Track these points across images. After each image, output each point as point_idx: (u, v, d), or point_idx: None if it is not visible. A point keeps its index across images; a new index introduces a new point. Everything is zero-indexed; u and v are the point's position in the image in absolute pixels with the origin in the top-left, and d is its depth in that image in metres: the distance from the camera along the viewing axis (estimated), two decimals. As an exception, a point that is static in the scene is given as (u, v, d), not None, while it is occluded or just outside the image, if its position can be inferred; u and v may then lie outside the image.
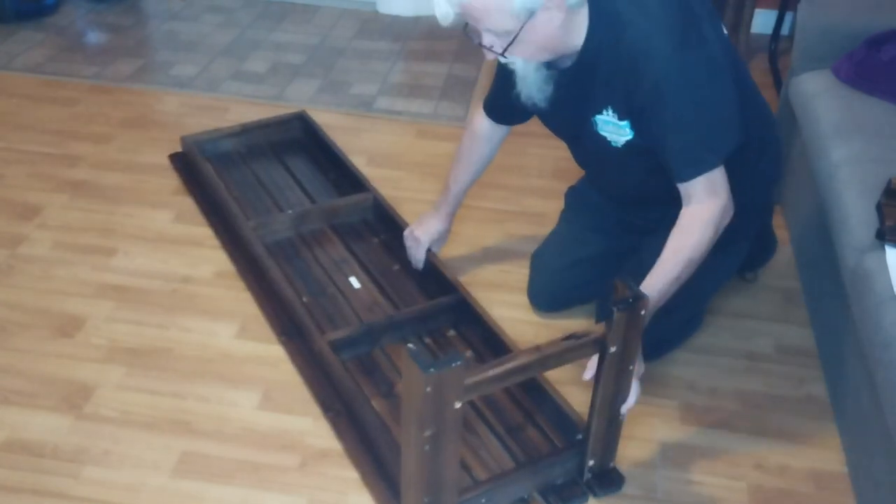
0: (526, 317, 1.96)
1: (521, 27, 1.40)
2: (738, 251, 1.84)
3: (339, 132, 2.68)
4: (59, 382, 1.74)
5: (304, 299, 1.94)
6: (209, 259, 2.10)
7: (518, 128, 1.88)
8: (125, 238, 2.16)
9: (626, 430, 1.68)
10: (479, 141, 1.87)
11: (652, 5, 1.45)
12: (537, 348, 1.33)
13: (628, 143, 1.57)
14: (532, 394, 1.71)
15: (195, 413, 1.69)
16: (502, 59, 1.49)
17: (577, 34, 1.48)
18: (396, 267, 2.05)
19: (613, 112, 1.55)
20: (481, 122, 1.86)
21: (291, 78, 3.01)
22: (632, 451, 1.65)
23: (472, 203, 2.30)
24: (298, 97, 2.88)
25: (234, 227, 2.13)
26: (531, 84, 1.56)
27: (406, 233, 2.00)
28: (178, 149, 2.54)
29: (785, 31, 3.21)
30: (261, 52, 3.19)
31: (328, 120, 2.75)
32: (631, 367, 1.43)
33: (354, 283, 1.99)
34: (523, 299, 2.00)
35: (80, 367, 1.78)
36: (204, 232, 2.19)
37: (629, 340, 1.38)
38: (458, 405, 1.23)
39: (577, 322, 1.92)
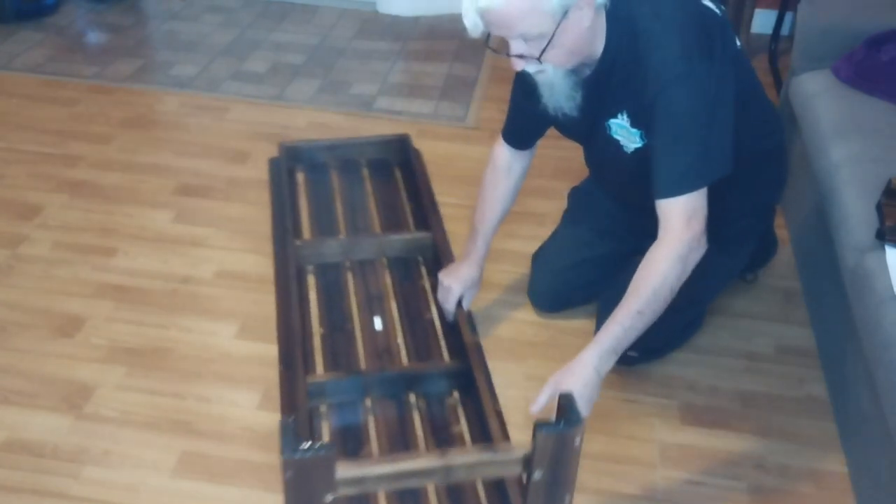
0: (526, 317, 1.96)
1: (556, 28, 1.37)
2: (741, 253, 1.85)
3: (340, 132, 2.69)
4: (59, 382, 1.74)
5: (322, 331, 1.85)
6: (209, 259, 2.10)
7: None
8: (125, 238, 2.16)
9: (626, 430, 1.68)
10: (501, 174, 1.82)
11: (667, 14, 1.44)
12: (444, 454, 1.16)
13: (637, 149, 1.57)
14: (500, 489, 1.50)
15: (195, 413, 1.69)
16: (532, 69, 1.46)
17: (600, 39, 1.47)
18: (429, 315, 1.90)
19: (627, 117, 1.54)
20: (502, 154, 1.82)
21: (291, 78, 3.01)
22: (632, 451, 1.65)
23: (473, 204, 2.30)
24: (298, 97, 2.88)
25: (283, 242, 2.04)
26: (559, 93, 1.53)
27: (439, 283, 1.86)
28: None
29: (785, 31, 3.21)
30: (261, 52, 3.19)
31: (328, 120, 2.75)
32: (567, 501, 1.21)
33: (377, 323, 1.87)
34: (523, 299, 2.00)
35: (80, 367, 1.78)
36: (204, 232, 2.20)
37: (560, 468, 1.15)
38: (329, 499, 1.10)
39: (577, 323, 1.92)
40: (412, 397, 1.70)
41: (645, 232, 1.79)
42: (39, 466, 1.57)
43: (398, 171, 2.39)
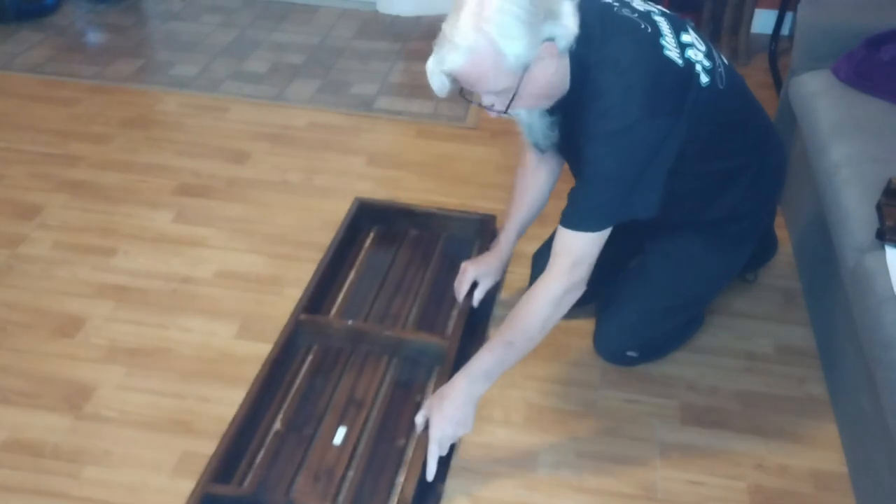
0: (526, 317, 1.96)
1: (520, 82, 1.40)
2: (740, 254, 1.85)
3: (339, 132, 2.69)
4: (59, 382, 1.74)
5: (277, 426, 1.66)
6: (209, 259, 2.10)
7: (515, 129, 1.88)
8: (125, 238, 2.16)
9: (626, 430, 1.69)
10: (530, 174, 1.84)
11: (622, 66, 1.43)
12: None
13: None
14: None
15: (195, 413, 1.69)
16: (504, 116, 1.49)
17: (567, 78, 1.48)
18: (402, 442, 1.64)
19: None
20: (530, 155, 1.84)
21: (291, 78, 3.01)
22: (631, 450, 1.65)
23: (473, 203, 2.31)
24: (298, 97, 2.88)
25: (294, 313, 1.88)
26: (537, 131, 1.60)
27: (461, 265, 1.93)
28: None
29: (785, 31, 3.21)
30: (261, 52, 3.19)
31: (328, 120, 2.75)
32: None
33: (339, 436, 1.64)
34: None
35: (80, 367, 1.78)
36: (204, 232, 2.20)
37: None
38: None
39: (577, 323, 1.92)
40: None
41: (644, 232, 1.80)
42: (39, 466, 1.57)
43: (476, 253, 2.12)
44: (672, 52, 1.48)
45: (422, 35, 3.39)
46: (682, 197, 1.63)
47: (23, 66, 2.99)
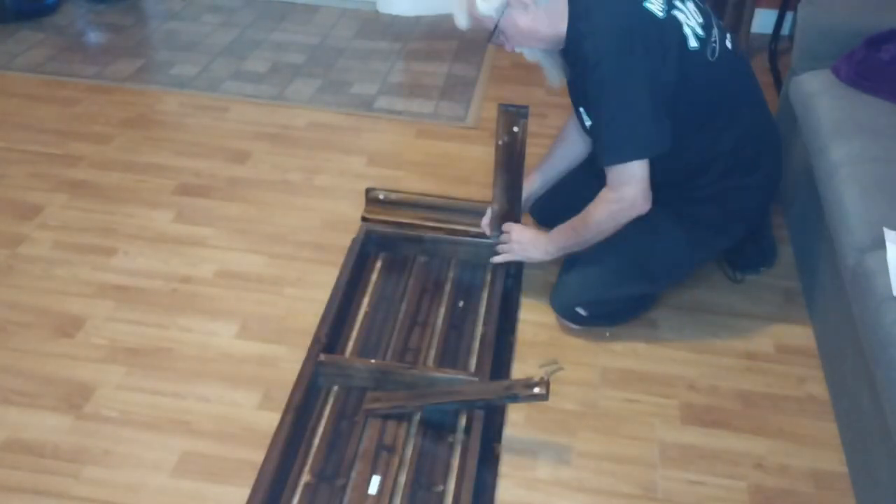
0: (526, 316, 1.96)
1: (497, 25, 1.67)
2: (710, 244, 1.90)
3: (339, 132, 2.69)
4: (59, 382, 1.74)
5: (306, 478, 1.55)
6: (209, 259, 2.10)
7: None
8: (125, 238, 2.16)
9: (626, 430, 1.68)
10: (565, 131, 2.05)
11: (606, 11, 1.62)
12: None
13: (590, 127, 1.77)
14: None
15: (195, 413, 1.69)
16: (507, 49, 1.75)
17: (561, 23, 1.67)
18: (441, 487, 1.55)
19: (582, 106, 1.76)
20: (571, 123, 2.01)
21: (291, 78, 3.01)
22: (632, 450, 1.65)
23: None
24: (298, 97, 2.88)
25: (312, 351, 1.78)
26: (549, 67, 1.79)
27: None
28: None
29: (785, 31, 3.21)
30: (261, 52, 3.20)
31: (328, 120, 2.75)
32: None
33: (374, 485, 1.54)
34: (523, 299, 2.00)
35: (80, 367, 1.78)
36: (204, 232, 2.20)
37: None
38: None
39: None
40: None
41: None
42: (39, 466, 1.57)
43: (489, 278, 2.05)
44: (654, 6, 1.63)
45: (422, 35, 3.39)
46: (669, 165, 1.70)
47: (23, 66, 2.99)
